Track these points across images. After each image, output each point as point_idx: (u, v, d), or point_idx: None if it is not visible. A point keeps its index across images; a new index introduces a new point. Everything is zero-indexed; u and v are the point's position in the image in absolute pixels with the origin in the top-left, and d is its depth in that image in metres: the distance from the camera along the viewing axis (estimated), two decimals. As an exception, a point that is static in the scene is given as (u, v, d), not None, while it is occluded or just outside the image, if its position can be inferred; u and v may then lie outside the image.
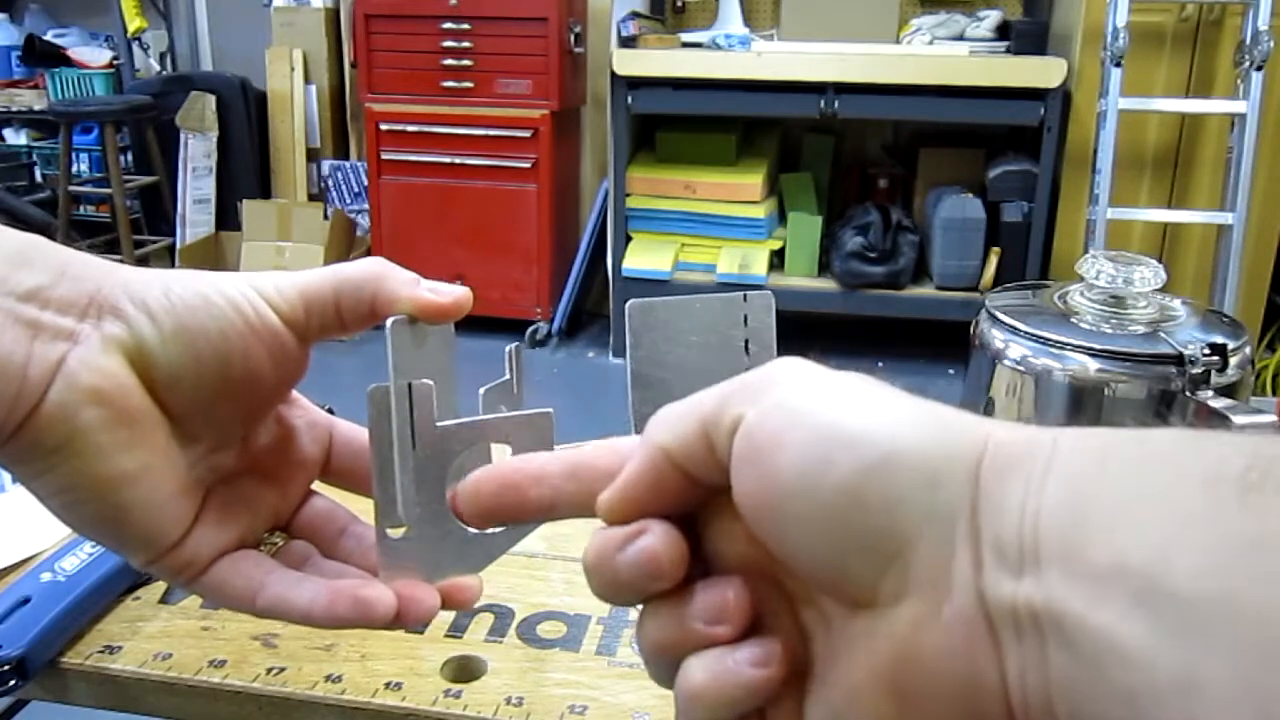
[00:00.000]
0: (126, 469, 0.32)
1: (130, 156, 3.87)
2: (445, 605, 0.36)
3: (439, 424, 0.35)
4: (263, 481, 0.38)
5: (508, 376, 0.39)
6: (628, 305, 0.37)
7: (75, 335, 0.31)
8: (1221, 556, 0.18)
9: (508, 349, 0.39)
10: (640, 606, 0.28)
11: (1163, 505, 0.19)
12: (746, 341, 0.38)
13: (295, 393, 0.39)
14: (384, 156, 3.22)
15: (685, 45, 3.04)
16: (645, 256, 3.03)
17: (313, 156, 3.71)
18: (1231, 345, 0.54)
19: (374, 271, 0.35)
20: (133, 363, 0.32)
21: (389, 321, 0.34)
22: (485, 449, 0.36)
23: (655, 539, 0.26)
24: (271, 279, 0.34)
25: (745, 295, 0.39)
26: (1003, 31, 3.01)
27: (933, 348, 3.08)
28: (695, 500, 0.27)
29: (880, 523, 0.22)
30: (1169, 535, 0.19)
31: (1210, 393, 0.52)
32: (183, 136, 3.69)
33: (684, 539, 0.27)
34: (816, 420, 0.23)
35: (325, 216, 3.47)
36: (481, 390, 0.38)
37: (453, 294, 0.35)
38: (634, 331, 0.37)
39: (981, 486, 0.21)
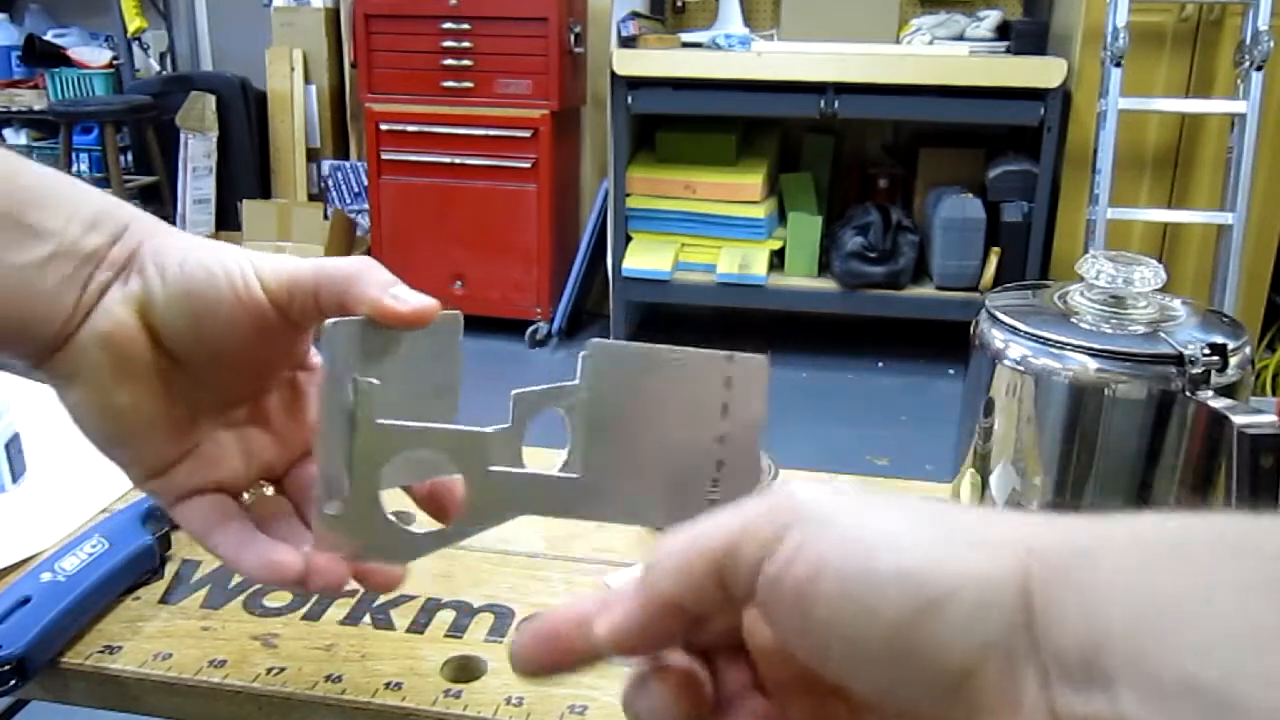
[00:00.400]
0: (117, 403, 0.39)
1: (130, 156, 3.87)
2: (364, 585, 0.41)
3: (380, 421, 0.37)
4: (266, 434, 0.43)
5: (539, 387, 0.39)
6: (588, 344, 0.37)
7: (108, 288, 0.38)
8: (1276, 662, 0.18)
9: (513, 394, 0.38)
10: None
11: (1225, 613, 0.19)
12: (725, 405, 0.36)
13: (317, 361, 0.44)
14: (384, 156, 3.22)
15: (685, 45, 3.04)
16: (645, 256, 3.03)
17: (313, 156, 3.71)
18: (1231, 345, 0.54)
19: (353, 270, 0.39)
20: (141, 316, 0.38)
21: (327, 323, 0.37)
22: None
23: (661, 698, 0.26)
24: (271, 261, 0.39)
25: (732, 356, 0.36)
26: (1003, 31, 3.01)
27: (933, 348, 3.08)
28: (701, 622, 0.26)
29: (936, 661, 0.21)
30: (1236, 647, 0.18)
31: (1210, 393, 0.52)
32: (183, 136, 3.69)
33: (700, 675, 0.26)
34: (849, 568, 0.22)
35: (325, 216, 3.47)
36: (514, 393, 0.38)
37: (415, 303, 0.38)
38: (592, 373, 0.36)
39: (1034, 604, 0.21)
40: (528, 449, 0.38)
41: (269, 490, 0.44)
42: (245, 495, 0.43)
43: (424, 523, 0.41)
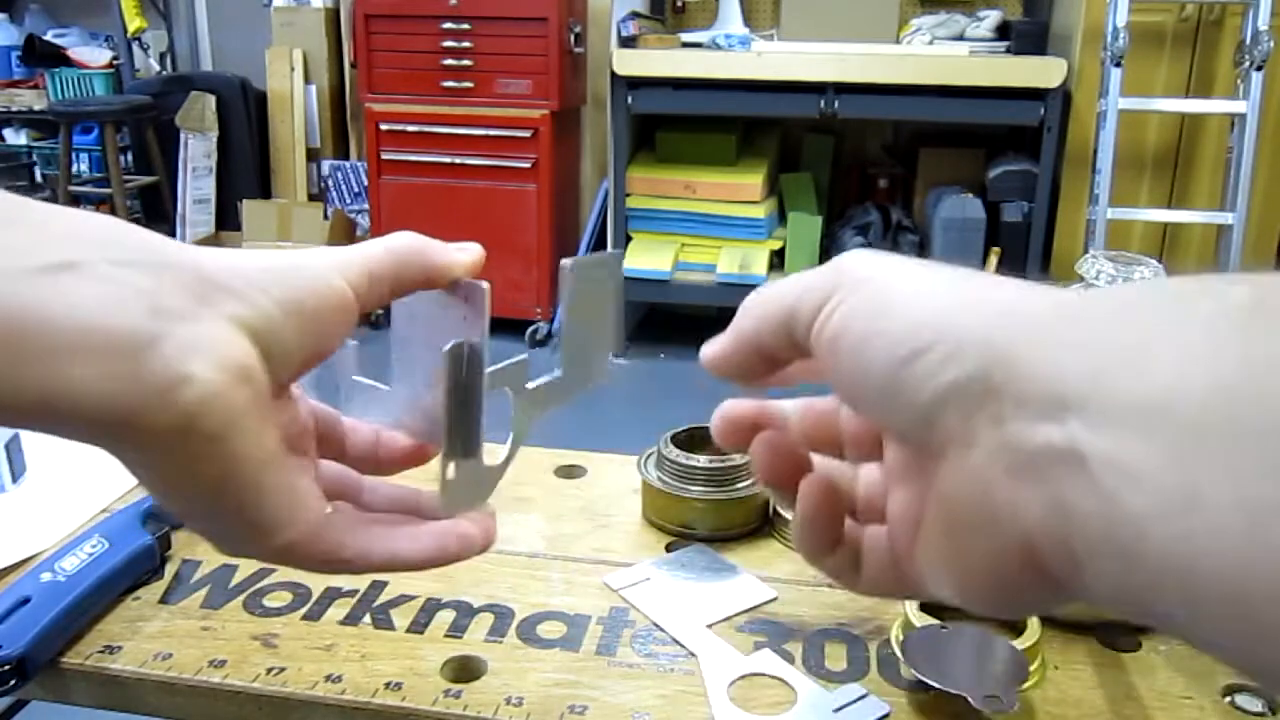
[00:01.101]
0: (270, 449, 0.32)
1: (130, 156, 3.87)
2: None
3: (488, 371, 0.40)
4: (294, 450, 0.38)
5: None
6: (562, 264, 0.42)
7: (199, 314, 0.30)
8: (1224, 381, 0.19)
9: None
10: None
11: (1173, 343, 0.21)
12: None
13: None
14: (384, 156, 3.22)
15: (685, 45, 3.04)
16: (645, 256, 3.03)
17: (313, 156, 3.72)
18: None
19: (415, 243, 0.37)
20: (256, 341, 0.31)
21: (568, 264, 0.41)
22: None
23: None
24: (339, 256, 0.35)
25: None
26: (1003, 31, 3.01)
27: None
28: (781, 361, 0.32)
29: (910, 401, 0.26)
30: (1178, 368, 0.20)
31: (1210, 393, 0.52)
32: (183, 136, 3.69)
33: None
34: (859, 328, 0.27)
35: (325, 216, 3.47)
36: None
37: (472, 249, 0.39)
38: (568, 290, 0.43)
39: (1000, 356, 0.24)
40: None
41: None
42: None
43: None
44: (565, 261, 0.41)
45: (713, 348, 0.33)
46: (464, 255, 0.38)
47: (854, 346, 0.27)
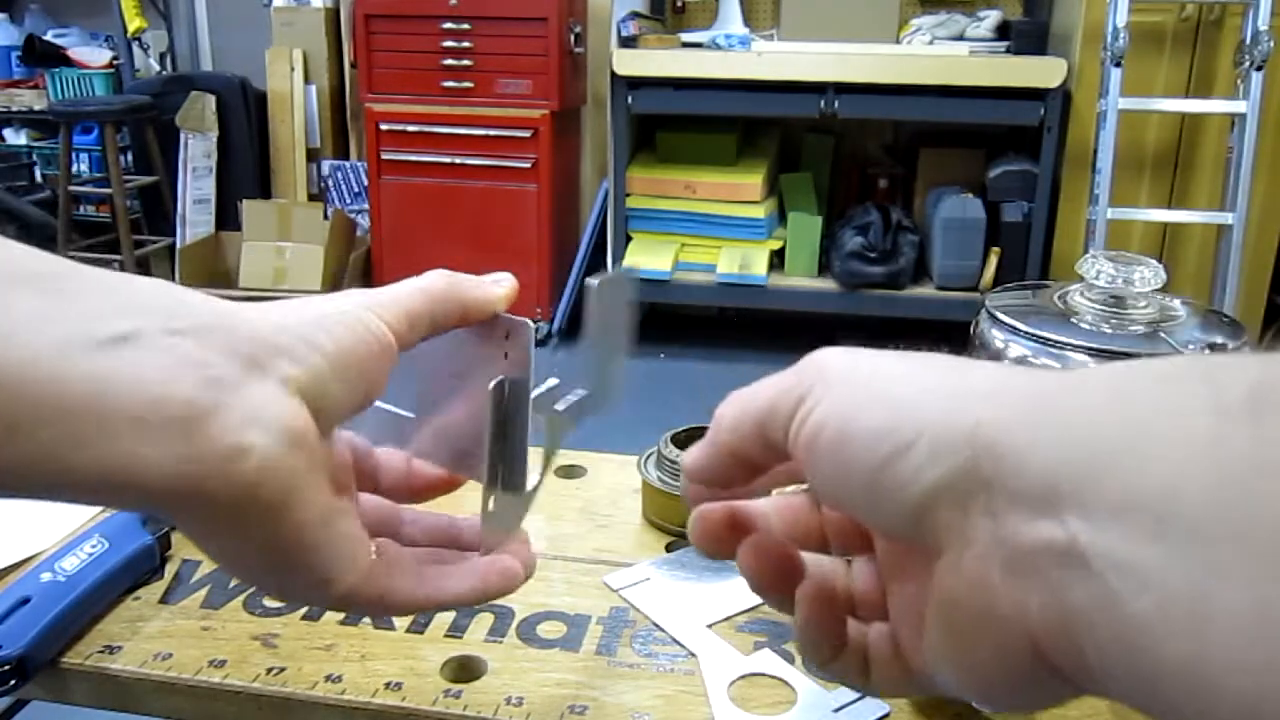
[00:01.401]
0: (328, 507, 0.32)
1: (130, 156, 3.87)
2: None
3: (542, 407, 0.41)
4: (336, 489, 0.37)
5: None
6: (587, 283, 0.43)
7: (252, 382, 0.29)
8: (1230, 481, 0.19)
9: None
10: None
11: (1172, 436, 0.20)
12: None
13: None
14: (384, 156, 3.22)
15: (685, 45, 3.04)
16: (645, 256, 3.03)
17: (313, 156, 3.71)
18: (1231, 345, 0.54)
19: (451, 281, 0.38)
20: (307, 400, 0.31)
21: (592, 283, 0.42)
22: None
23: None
24: (379, 300, 0.35)
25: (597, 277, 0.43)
26: (1003, 31, 3.01)
27: (933, 347, 3.07)
28: (762, 467, 0.31)
29: (898, 499, 0.25)
30: (1180, 465, 0.20)
31: (1210, 393, 0.52)
32: (183, 136, 3.69)
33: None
34: (837, 427, 0.27)
35: (325, 216, 3.47)
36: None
37: (504, 281, 0.40)
38: (597, 307, 0.44)
39: (988, 447, 0.23)
40: None
41: None
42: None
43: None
44: (591, 280, 0.41)
45: (691, 458, 0.32)
46: (499, 289, 0.39)
47: (832, 447, 0.27)
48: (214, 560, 0.33)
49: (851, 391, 0.27)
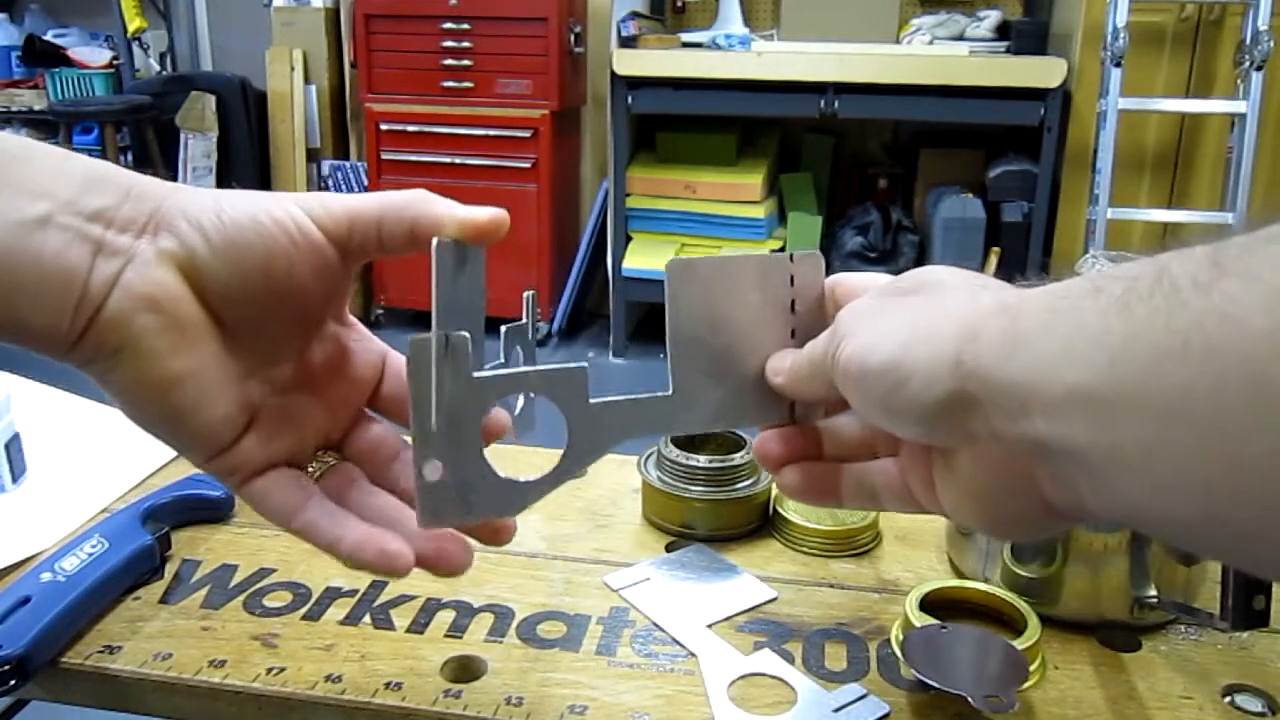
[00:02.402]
0: (178, 370, 0.36)
1: (130, 156, 3.87)
2: (483, 541, 0.40)
3: (476, 374, 0.36)
4: (314, 398, 0.41)
5: (525, 320, 0.42)
6: (667, 264, 0.40)
7: (133, 251, 0.35)
8: (1114, 360, 0.26)
9: (503, 329, 0.41)
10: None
11: (1083, 339, 0.27)
12: (793, 301, 0.41)
13: (353, 318, 0.43)
14: (384, 156, 3.22)
15: (685, 45, 3.03)
16: (645, 256, 3.03)
17: (313, 156, 3.71)
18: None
19: (417, 195, 0.39)
20: (185, 275, 0.36)
21: (435, 241, 0.36)
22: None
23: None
24: (320, 199, 0.38)
25: (791, 255, 0.41)
26: (1003, 31, 3.01)
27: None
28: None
29: (911, 415, 0.33)
30: (1086, 358, 0.26)
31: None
32: (183, 136, 3.68)
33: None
34: (856, 366, 0.35)
35: (325, 216, 3.46)
36: (504, 327, 0.41)
37: (490, 213, 0.39)
38: (672, 289, 0.40)
39: (964, 376, 0.31)
40: (528, 449, 0.39)
41: (330, 460, 0.42)
42: (311, 468, 0.41)
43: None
44: (675, 261, 0.40)
45: (782, 362, 0.41)
46: (455, 211, 0.38)
47: (856, 380, 0.35)
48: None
49: (867, 335, 0.35)
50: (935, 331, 0.32)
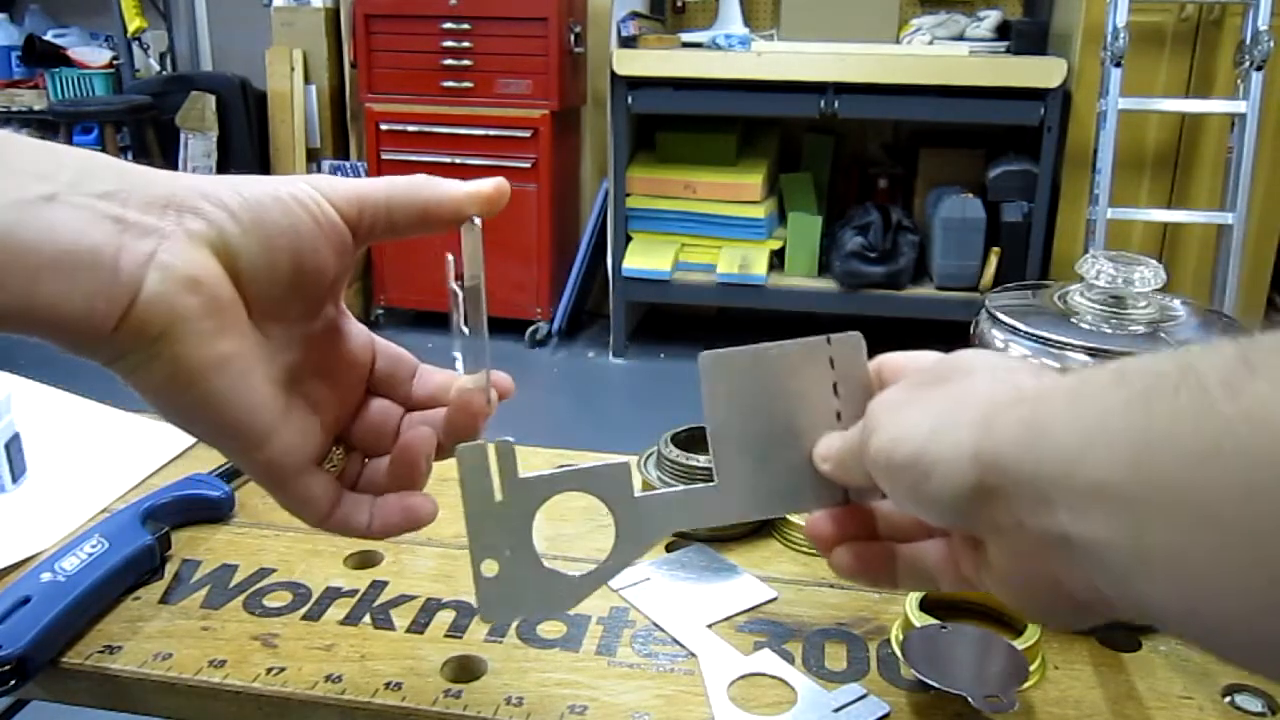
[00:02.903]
0: (222, 353, 0.34)
1: (130, 156, 3.86)
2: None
3: (521, 475, 0.38)
4: (325, 383, 0.41)
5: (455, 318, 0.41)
6: (700, 357, 0.39)
7: (161, 230, 0.33)
8: (1138, 459, 0.25)
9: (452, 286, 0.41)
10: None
11: (1108, 431, 0.26)
12: (835, 384, 0.41)
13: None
14: (384, 156, 3.22)
15: (685, 45, 3.03)
16: (645, 256, 3.03)
17: (313, 156, 3.71)
18: (1231, 345, 0.53)
19: (421, 178, 0.39)
20: (218, 255, 0.34)
21: (469, 222, 0.38)
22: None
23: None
24: (328, 181, 0.37)
25: (829, 338, 0.41)
26: (1003, 31, 3.01)
27: (933, 348, 3.06)
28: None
29: (937, 507, 0.34)
30: (1112, 453, 0.26)
31: (1210, 393, 0.52)
32: (183, 136, 3.68)
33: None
34: (883, 460, 0.35)
35: (325, 216, 3.46)
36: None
37: (494, 183, 0.39)
38: (708, 384, 0.39)
39: (985, 467, 0.31)
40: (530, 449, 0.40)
41: (339, 454, 0.43)
42: (329, 466, 0.41)
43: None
44: (711, 354, 0.39)
45: (829, 449, 0.41)
46: (464, 187, 0.39)
47: (885, 476, 0.36)
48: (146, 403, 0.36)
49: (893, 428, 0.35)
50: (956, 421, 0.33)
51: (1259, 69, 2.42)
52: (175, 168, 3.67)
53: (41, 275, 0.31)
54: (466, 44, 3.08)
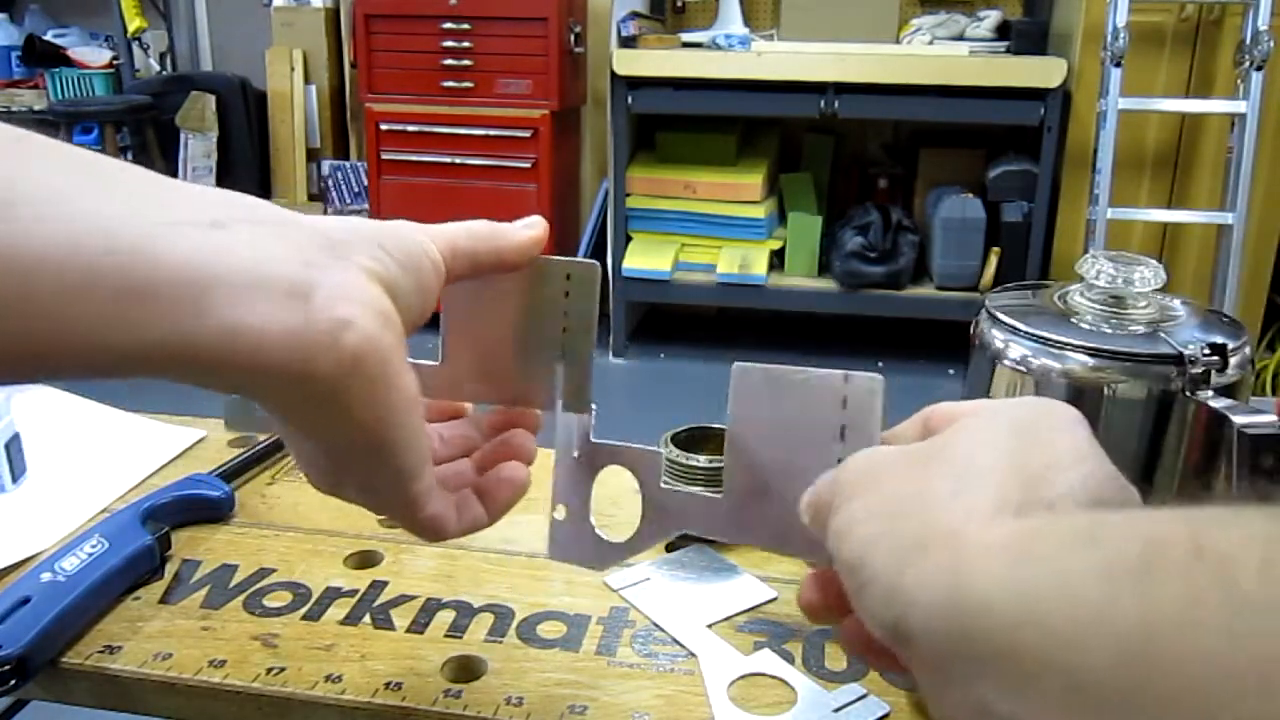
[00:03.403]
0: (412, 389, 0.34)
1: (130, 156, 3.86)
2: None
3: (594, 440, 0.44)
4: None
5: None
6: (733, 367, 0.39)
7: (342, 264, 0.32)
8: (1126, 650, 0.20)
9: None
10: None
11: (1068, 603, 0.21)
12: (843, 427, 0.37)
13: None
14: (384, 156, 3.22)
15: (685, 45, 3.03)
16: (645, 256, 3.03)
17: (313, 156, 3.71)
18: (1231, 345, 0.54)
19: (490, 225, 0.40)
20: (386, 290, 0.33)
21: (537, 260, 0.42)
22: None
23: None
24: (428, 228, 0.37)
25: (847, 376, 0.37)
26: (1003, 31, 3.01)
27: (933, 348, 3.07)
28: None
29: (872, 622, 0.28)
30: (1073, 630, 0.21)
31: (1210, 393, 0.52)
32: (183, 136, 3.68)
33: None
34: (836, 551, 0.30)
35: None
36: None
37: (541, 224, 0.42)
38: (734, 393, 0.39)
39: (900, 611, 0.26)
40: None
41: None
42: None
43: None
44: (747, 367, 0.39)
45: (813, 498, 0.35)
46: (532, 232, 0.41)
47: (837, 565, 0.31)
48: (310, 451, 0.35)
49: (851, 511, 0.31)
50: (899, 533, 0.28)
51: (1259, 69, 2.42)
52: (175, 168, 3.68)
53: (240, 303, 0.29)
54: (466, 44, 3.08)
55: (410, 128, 3.17)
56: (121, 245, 0.27)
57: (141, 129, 3.72)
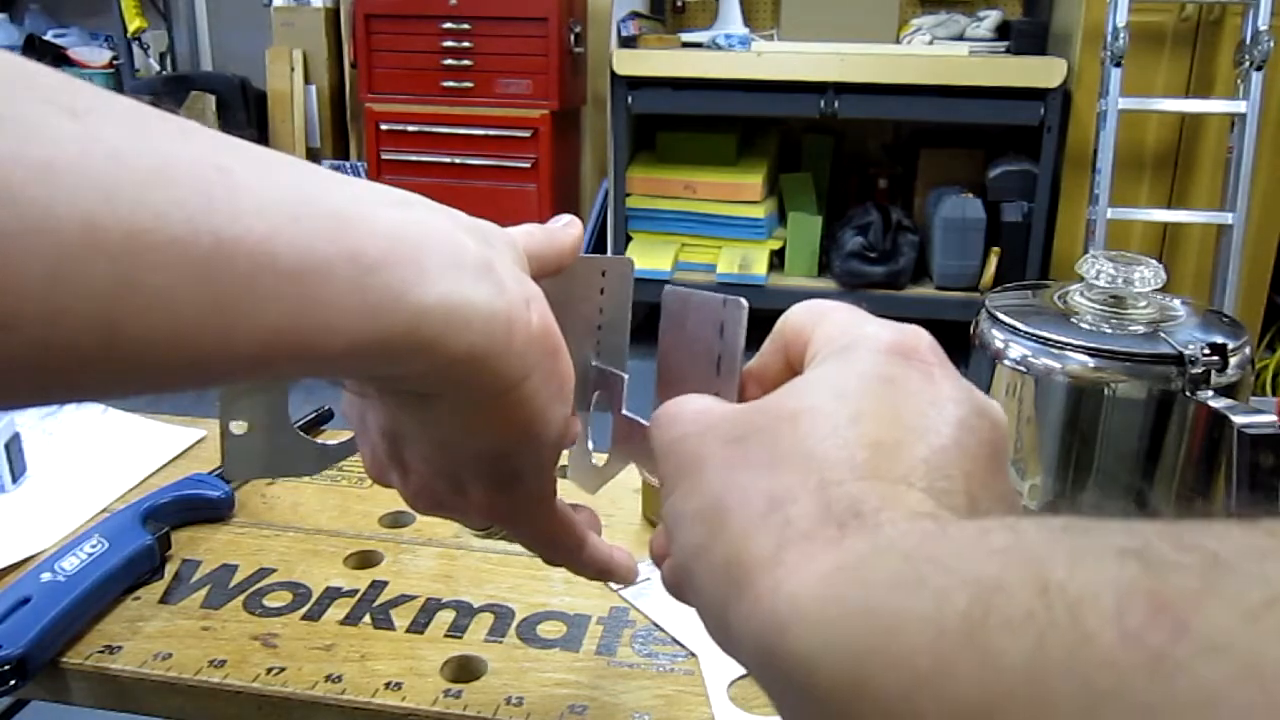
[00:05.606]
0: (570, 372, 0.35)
1: (130, 156, 3.86)
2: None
3: (594, 363, 0.46)
4: None
5: None
6: (664, 290, 0.41)
7: (499, 248, 0.32)
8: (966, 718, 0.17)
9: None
10: None
11: (905, 668, 0.18)
12: (720, 357, 0.37)
13: None
14: (384, 156, 3.22)
15: (685, 45, 3.03)
16: (645, 256, 3.03)
17: (313, 156, 3.71)
18: (1231, 345, 0.54)
19: (550, 229, 0.39)
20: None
21: (582, 256, 0.41)
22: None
23: None
24: (510, 229, 0.37)
25: (725, 300, 0.37)
26: (1003, 31, 3.01)
27: (933, 348, 3.07)
28: None
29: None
30: (917, 708, 0.18)
31: (1210, 393, 0.52)
32: (183, 136, 3.68)
33: None
34: (671, 534, 0.29)
35: (325, 216, 3.46)
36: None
37: (575, 223, 0.41)
38: (662, 316, 0.42)
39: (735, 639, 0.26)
40: None
41: None
42: None
43: None
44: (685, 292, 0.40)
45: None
46: (574, 230, 0.41)
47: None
48: (469, 436, 0.33)
49: (677, 501, 0.28)
50: (713, 551, 0.26)
51: (1259, 69, 2.42)
52: (175, 168, 3.67)
53: (448, 274, 0.27)
54: (467, 44, 3.08)
55: (410, 128, 3.17)
56: (333, 217, 0.25)
57: (141, 129, 3.72)
